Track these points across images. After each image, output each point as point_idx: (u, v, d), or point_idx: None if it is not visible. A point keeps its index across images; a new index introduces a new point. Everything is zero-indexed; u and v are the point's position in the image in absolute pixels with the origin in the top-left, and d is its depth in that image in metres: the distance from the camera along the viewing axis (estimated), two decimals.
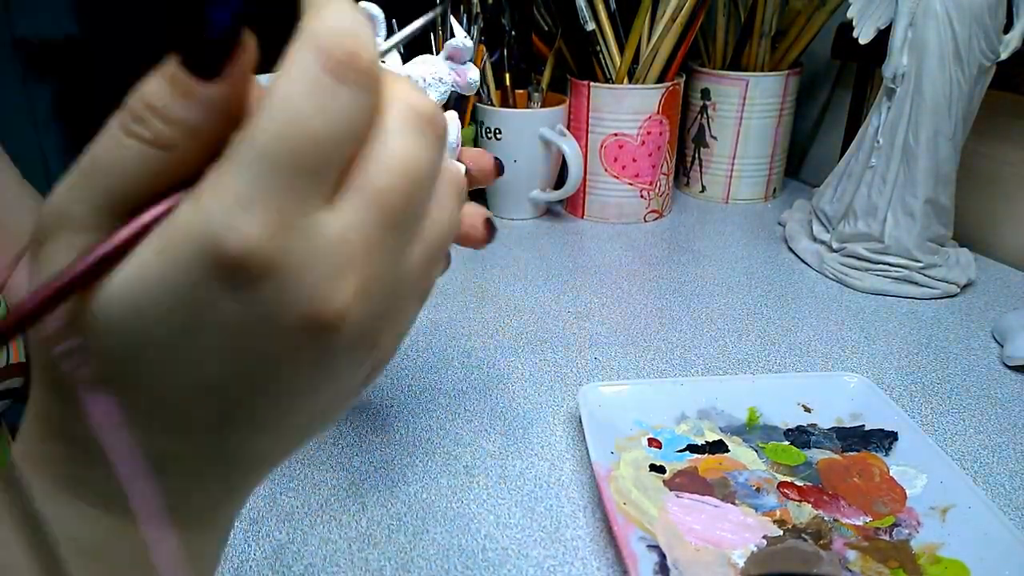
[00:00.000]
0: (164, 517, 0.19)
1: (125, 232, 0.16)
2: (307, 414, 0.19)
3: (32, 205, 0.50)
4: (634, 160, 0.76)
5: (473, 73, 0.35)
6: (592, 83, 0.73)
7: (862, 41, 0.62)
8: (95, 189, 0.16)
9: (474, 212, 0.33)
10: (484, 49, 0.73)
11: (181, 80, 0.15)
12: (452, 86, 0.34)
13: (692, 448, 0.43)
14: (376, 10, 0.32)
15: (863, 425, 0.44)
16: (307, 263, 0.16)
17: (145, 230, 0.16)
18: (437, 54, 0.34)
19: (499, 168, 0.37)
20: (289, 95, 0.15)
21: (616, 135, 0.75)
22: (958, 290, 0.62)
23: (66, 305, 0.16)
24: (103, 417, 0.17)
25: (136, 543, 0.19)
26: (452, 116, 0.34)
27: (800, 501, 0.39)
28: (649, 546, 0.36)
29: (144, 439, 0.17)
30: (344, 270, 0.16)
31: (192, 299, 0.15)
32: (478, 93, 0.76)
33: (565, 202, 0.82)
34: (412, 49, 0.33)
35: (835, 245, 0.66)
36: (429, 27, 0.78)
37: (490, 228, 0.32)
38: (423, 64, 0.34)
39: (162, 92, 0.15)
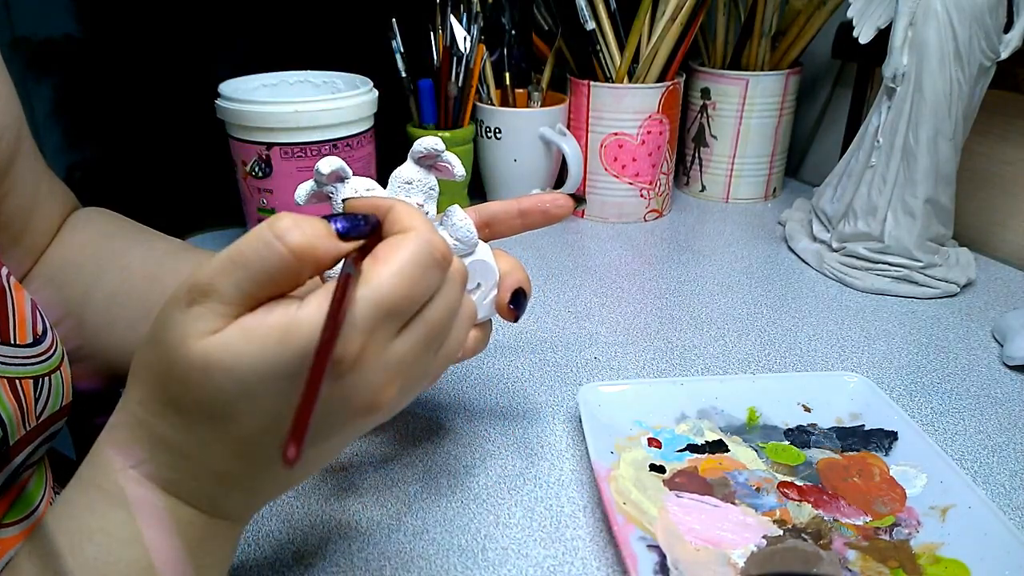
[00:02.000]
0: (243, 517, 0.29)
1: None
2: (327, 456, 0.29)
3: (59, 200, 0.49)
4: (634, 160, 0.76)
5: (457, 165, 0.35)
6: (592, 83, 0.73)
7: (862, 41, 0.62)
8: (242, 275, 0.23)
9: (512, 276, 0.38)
10: (484, 49, 0.73)
11: (328, 231, 0.25)
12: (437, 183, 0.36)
13: (692, 448, 0.43)
14: (337, 162, 0.33)
15: (863, 425, 0.44)
16: (376, 370, 0.25)
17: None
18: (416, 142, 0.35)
19: (576, 201, 0.40)
20: (406, 266, 0.25)
21: (616, 135, 0.75)
22: (958, 290, 0.62)
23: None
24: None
25: (205, 533, 0.27)
26: (460, 213, 0.35)
27: (800, 501, 0.39)
28: (649, 546, 0.36)
29: (222, 460, 0.25)
30: (396, 377, 0.25)
31: (295, 374, 0.23)
32: (478, 92, 0.76)
33: None
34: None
35: (835, 245, 0.66)
36: (429, 28, 0.78)
37: (518, 306, 0.38)
38: (409, 187, 0.35)
39: (318, 231, 0.24)
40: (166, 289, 0.45)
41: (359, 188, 0.33)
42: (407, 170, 0.35)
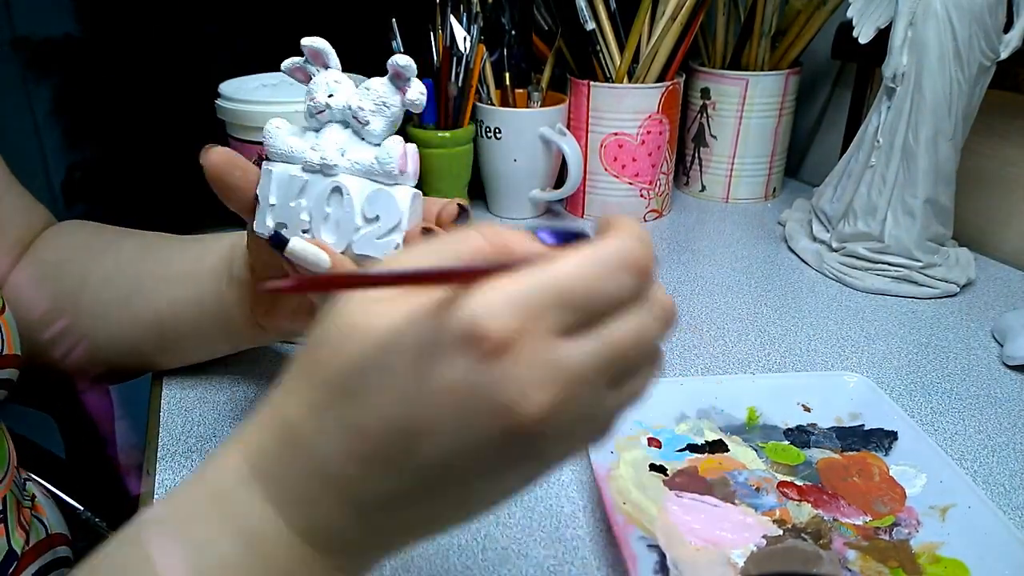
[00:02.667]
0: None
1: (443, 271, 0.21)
2: (467, 495, 0.23)
3: (27, 206, 0.50)
4: (634, 159, 0.76)
5: (414, 90, 0.34)
6: (592, 83, 0.73)
7: (862, 41, 0.62)
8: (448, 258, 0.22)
9: None
10: (484, 49, 0.73)
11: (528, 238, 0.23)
12: (399, 107, 0.34)
13: (692, 448, 0.43)
14: (322, 43, 0.33)
15: (863, 424, 0.44)
16: (532, 365, 0.20)
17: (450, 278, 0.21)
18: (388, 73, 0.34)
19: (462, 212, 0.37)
20: (600, 257, 0.21)
21: (616, 134, 0.75)
22: (958, 290, 0.62)
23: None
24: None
25: None
26: (396, 140, 0.34)
27: (800, 501, 0.39)
28: (649, 546, 0.36)
29: (338, 455, 0.21)
30: (555, 385, 0.20)
31: (433, 347, 0.20)
32: (478, 92, 0.76)
33: (565, 201, 0.82)
34: (413, 59, 0.33)
35: (835, 245, 0.66)
36: (429, 28, 0.78)
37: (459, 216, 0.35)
38: (366, 93, 0.34)
39: (518, 238, 0.23)
40: (159, 259, 0.46)
41: (329, 80, 0.33)
42: (376, 80, 0.34)
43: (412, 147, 0.34)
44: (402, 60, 0.33)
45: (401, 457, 0.21)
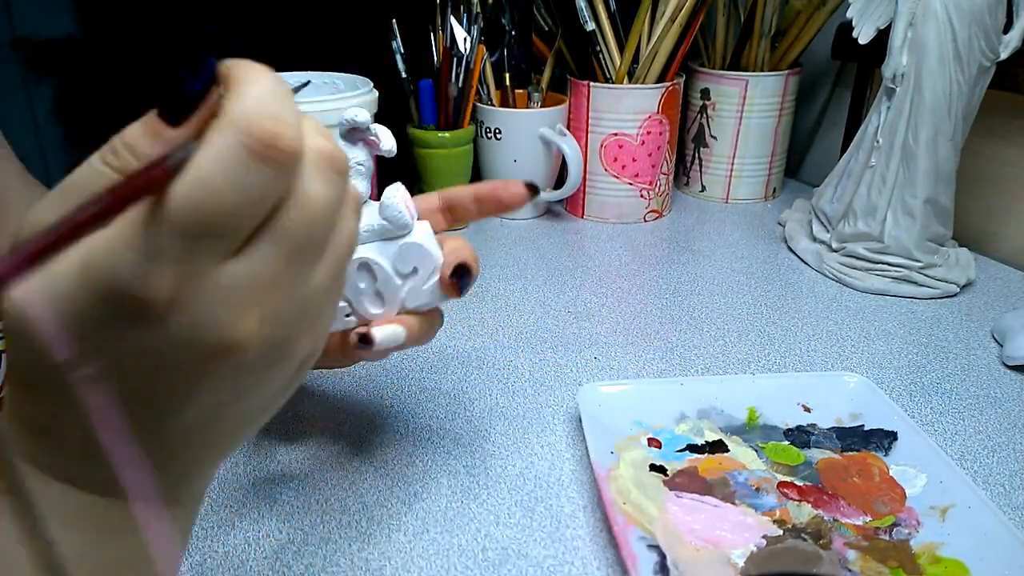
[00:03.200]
0: (144, 494, 0.22)
1: (78, 217, 0.17)
2: (237, 416, 0.23)
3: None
4: (634, 160, 0.76)
5: (385, 140, 0.33)
6: (592, 83, 0.73)
7: (862, 41, 0.62)
8: (68, 205, 0.17)
9: (458, 247, 0.35)
10: (484, 49, 0.73)
11: (153, 124, 0.19)
12: (369, 159, 0.34)
13: (692, 448, 0.43)
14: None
15: (863, 425, 0.44)
16: (212, 301, 0.19)
17: (91, 221, 0.17)
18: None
19: (531, 190, 0.38)
20: (205, 170, 0.17)
21: (616, 135, 0.75)
22: (958, 290, 0.62)
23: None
24: (94, 412, 0.20)
25: (105, 516, 0.22)
26: (395, 191, 0.33)
27: (800, 501, 0.39)
28: (649, 546, 0.36)
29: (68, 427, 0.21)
30: (248, 305, 0.19)
31: (101, 326, 0.18)
32: (478, 93, 0.76)
33: (565, 202, 0.82)
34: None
35: (835, 245, 0.66)
36: (429, 28, 0.78)
37: (460, 280, 0.35)
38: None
39: (136, 133, 0.19)
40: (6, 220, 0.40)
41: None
42: (354, 152, 0.33)
43: (399, 186, 0.33)
44: (354, 116, 0.32)
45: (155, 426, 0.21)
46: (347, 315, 0.35)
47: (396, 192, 0.33)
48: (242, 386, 0.21)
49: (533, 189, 0.38)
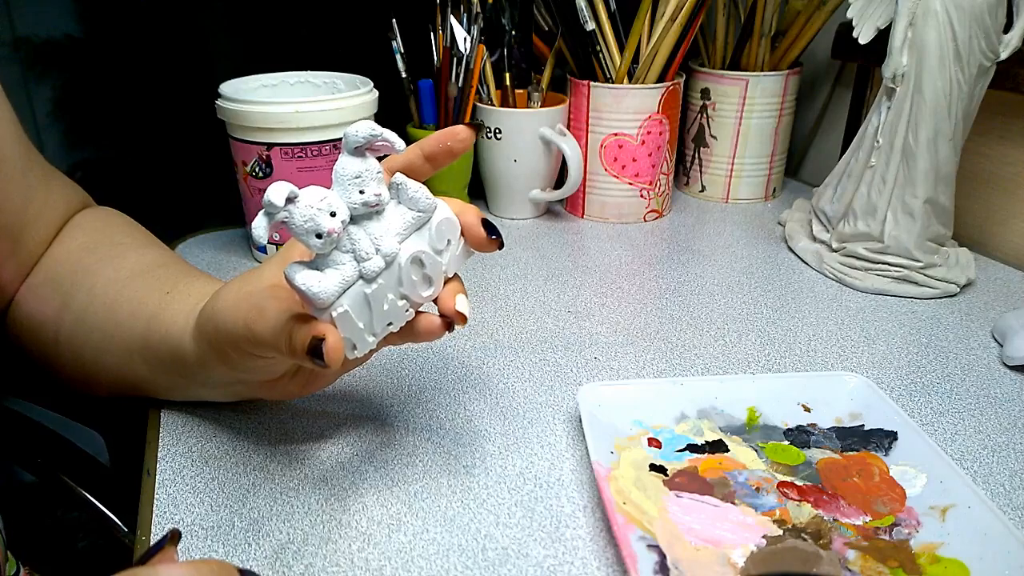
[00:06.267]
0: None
1: None
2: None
3: (58, 208, 0.49)
4: (634, 160, 0.76)
5: (395, 138, 0.33)
6: (592, 83, 0.73)
7: (862, 41, 0.62)
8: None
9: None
10: (484, 49, 0.73)
11: None
12: (379, 166, 0.33)
13: (692, 448, 0.43)
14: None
15: (863, 425, 0.44)
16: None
17: None
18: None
19: (475, 128, 0.39)
20: None
21: (616, 135, 0.75)
22: (958, 290, 0.62)
23: None
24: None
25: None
26: (413, 181, 0.33)
27: (800, 501, 0.39)
28: (649, 546, 0.36)
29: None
30: None
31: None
32: (478, 93, 0.76)
33: (565, 202, 0.82)
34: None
35: (835, 245, 0.66)
36: (429, 28, 0.78)
37: (493, 233, 0.36)
38: (357, 182, 0.32)
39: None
40: (120, 321, 0.45)
41: (313, 202, 0.31)
42: (351, 164, 0.32)
43: (400, 176, 0.34)
44: (363, 130, 0.32)
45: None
46: (407, 310, 0.36)
47: (415, 183, 0.33)
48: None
49: (476, 126, 0.39)
